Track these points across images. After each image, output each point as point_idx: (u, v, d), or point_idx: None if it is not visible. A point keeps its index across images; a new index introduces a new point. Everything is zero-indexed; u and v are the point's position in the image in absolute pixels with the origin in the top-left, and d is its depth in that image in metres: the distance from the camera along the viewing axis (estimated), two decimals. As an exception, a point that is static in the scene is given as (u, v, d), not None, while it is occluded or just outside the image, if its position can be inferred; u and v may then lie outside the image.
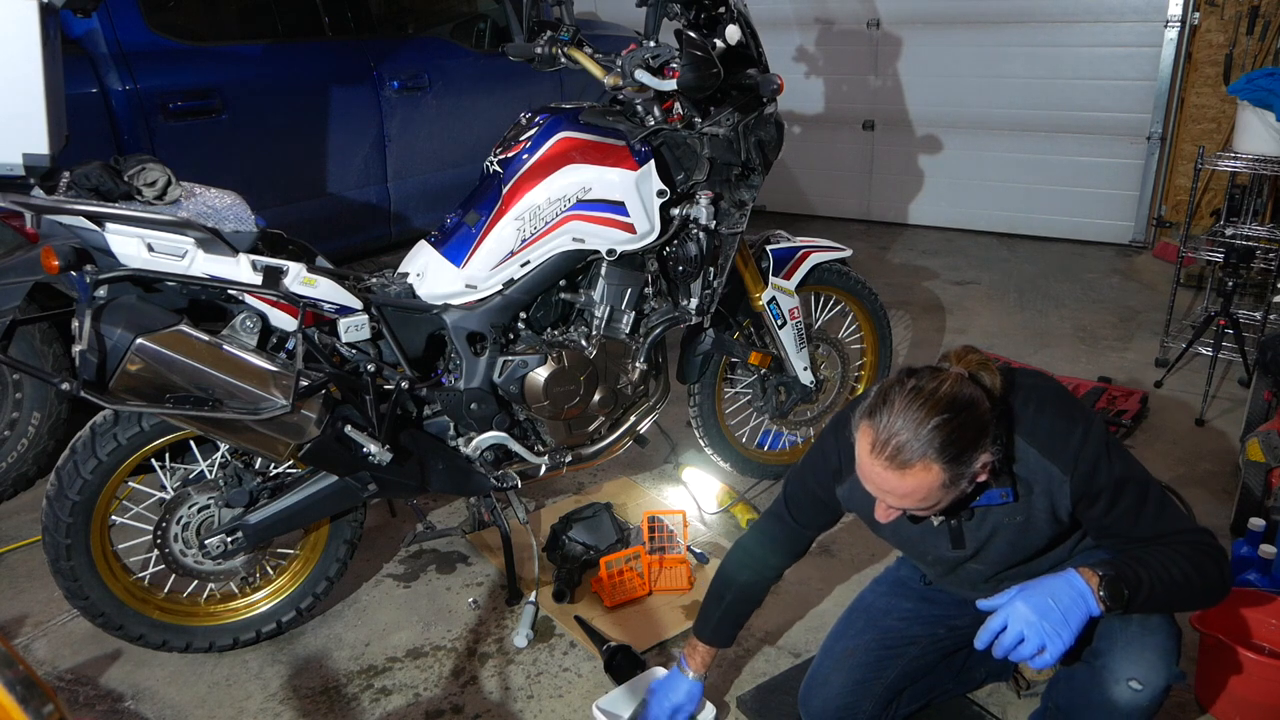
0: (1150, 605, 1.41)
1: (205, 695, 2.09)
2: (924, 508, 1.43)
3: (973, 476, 1.41)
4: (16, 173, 1.72)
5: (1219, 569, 1.44)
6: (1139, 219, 5.21)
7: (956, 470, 1.37)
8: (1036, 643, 1.33)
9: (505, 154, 2.17)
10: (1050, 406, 1.50)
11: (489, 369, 2.20)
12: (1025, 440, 1.49)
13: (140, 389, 1.75)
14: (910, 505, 1.42)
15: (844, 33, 5.65)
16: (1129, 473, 1.48)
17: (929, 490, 1.37)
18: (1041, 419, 1.49)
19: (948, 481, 1.37)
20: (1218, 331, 3.31)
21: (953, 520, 1.58)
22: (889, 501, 1.43)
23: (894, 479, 1.37)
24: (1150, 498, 1.48)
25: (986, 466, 1.41)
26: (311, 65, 3.44)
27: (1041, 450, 1.48)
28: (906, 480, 1.36)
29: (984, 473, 1.42)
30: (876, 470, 1.38)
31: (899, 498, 1.40)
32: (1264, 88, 3.36)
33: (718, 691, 2.05)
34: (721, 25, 2.18)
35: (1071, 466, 1.46)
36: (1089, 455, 1.46)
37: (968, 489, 1.44)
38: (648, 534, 2.44)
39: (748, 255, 2.55)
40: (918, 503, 1.40)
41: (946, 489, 1.39)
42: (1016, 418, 1.49)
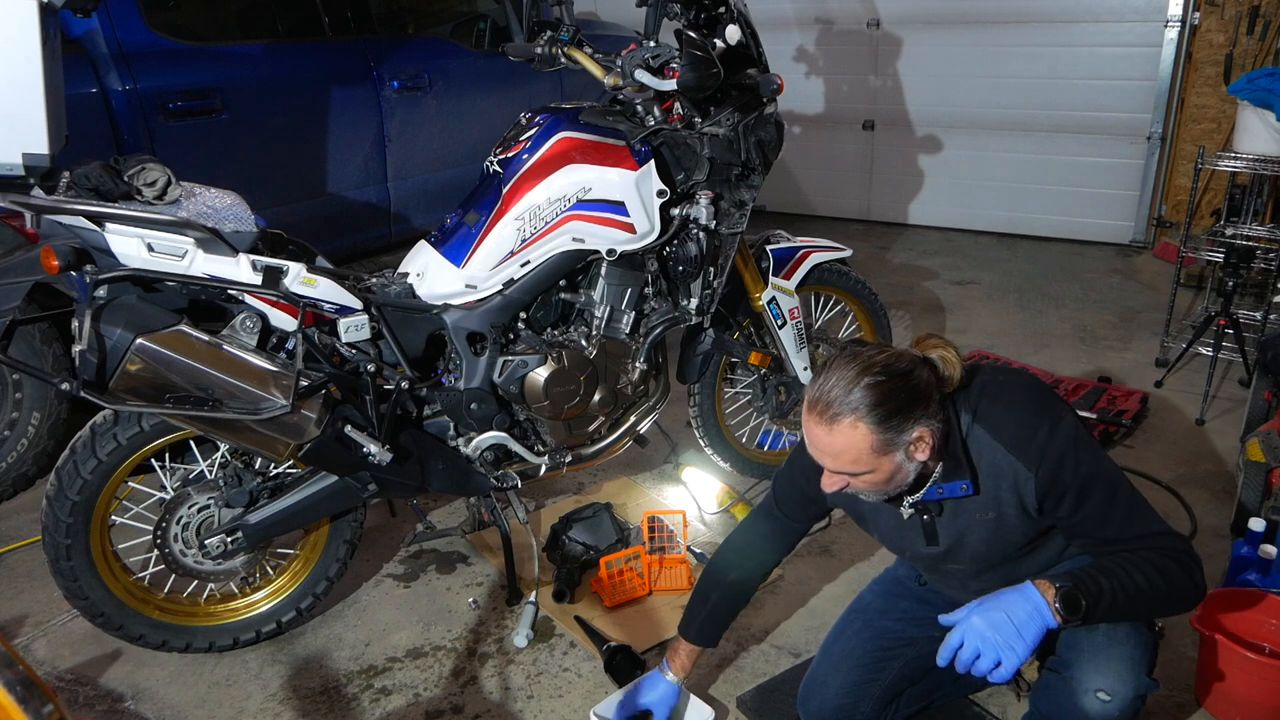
0: (1114, 614, 1.41)
1: (205, 695, 2.09)
2: (861, 475, 1.44)
3: (908, 448, 1.42)
4: (16, 173, 1.72)
5: (1189, 576, 1.43)
6: (1139, 219, 5.21)
7: (885, 435, 1.39)
8: (992, 658, 1.34)
9: (505, 154, 2.17)
10: (1019, 403, 1.50)
11: (489, 369, 2.20)
12: (991, 434, 1.49)
13: (140, 389, 1.75)
14: (845, 468, 1.44)
15: (844, 33, 5.66)
16: (1097, 471, 1.45)
17: (858, 452, 1.40)
18: (1009, 414, 1.49)
19: (877, 446, 1.40)
20: (1218, 331, 3.31)
21: (924, 516, 1.59)
22: (825, 464, 1.47)
23: (824, 435, 1.42)
24: (1119, 498, 1.46)
25: (925, 443, 1.43)
26: (311, 65, 3.44)
27: (1007, 445, 1.48)
28: (835, 437, 1.40)
29: (922, 449, 1.43)
30: (810, 428, 1.44)
31: (833, 458, 1.44)
32: (1264, 88, 3.36)
33: (718, 691, 2.05)
34: (721, 25, 2.18)
35: (1036, 462, 1.45)
36: (1054, 451, 1.45)
37: (907, 466, 1.44)
38: (648, 534, 2.44)
39: (748, 255, 2.55)
40: (850, 465, 1.43)
41: (877, 454, 1.41)
42: (982, 412, 1.50)
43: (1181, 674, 2.05)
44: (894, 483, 1.48)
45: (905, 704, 1.83)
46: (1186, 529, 2.59)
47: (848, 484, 1.49)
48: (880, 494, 1.52)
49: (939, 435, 1.45)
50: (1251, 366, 3.27)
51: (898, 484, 1.49)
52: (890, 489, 1.50)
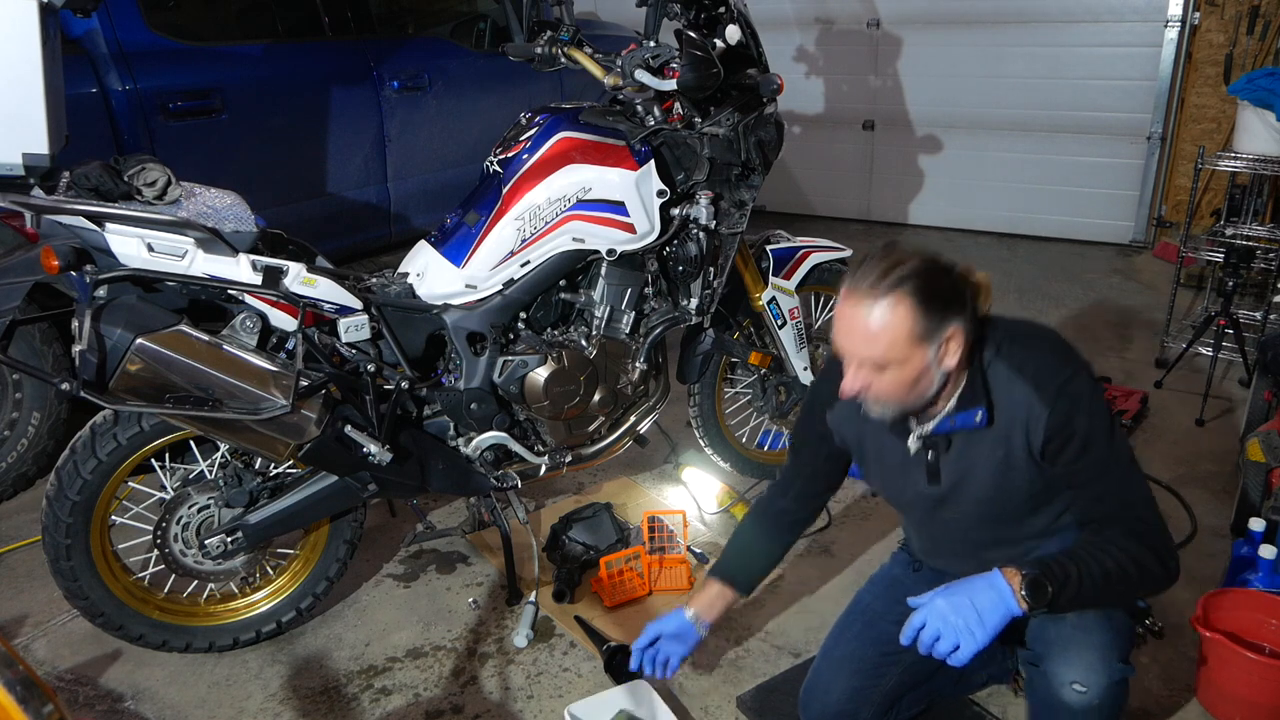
0: (1083, 601, 1.41)
1: (205, 695, 2.09)
2: (889, 370, 1.41)
3: (940, 347, 1.41)
4: (16, 173, 1.72)
5: (1161, 563, 1.42)
6: (1139, 219, 5.21)
7: (925, 321, 1.38)
8: (951, 640, 1.35)
9: (505, 154, 2.17)
10: (1045, 347, 1.50)
11: (489, 369, 2.20)
12: (1012, 369, 1.48)
13: (140, 389, 1.75)
14: (878, 353, 1.40)
15: (844, 33, 5.65)
16: (1105, 426, 1.45)
17: (895, 334, 1.38)
18: (1033, 354, 1.49)
19: (916, 331, 1.38)
20: (1218, 331, 3.31)
21: (930, 452, 1.57)
22: (856, 353, 1.43)
23: (863, 315, 1.39)
24: (1119, 460, 1.46)
25: (956, 345, 1.42)
26: (311, 65, 3.44)
27: (1027, 379, 1.47)
28: (875, 316, 1.38)
29: (953, 351, 1.42)
30: (847, 312, 1.42)
31: (867, 342, 1.40)
32: (1264, 88, 3.36)
33: (718, 692, 2.05)
34: (721, 25, 2.18)
35: (1053, 399, 1.45)
36: (1072, 393, 1.44)
37: (934, 371, 1.43)
38: (648, 534, 2.44)
39: (748, 255, 2.55)
40: (884, 350, 1.39)
41: (913, 342, 1.39)
42: (1005, 350, 1.50)
43: (1181, 674, 2.05)
44: (915, 391, 1.45)
45: (905, 707, 1.83)
46: (1186, 529, 2.59)
47: (869, 386, 1.45)
48: (895, 406, 1.48)
49: (967, 347, 1.44)
50: (1251, 366, 3.27)
51: (918, 395, 1.46)
52: (908, 401, 1.47)
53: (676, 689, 2.06)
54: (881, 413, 1.51)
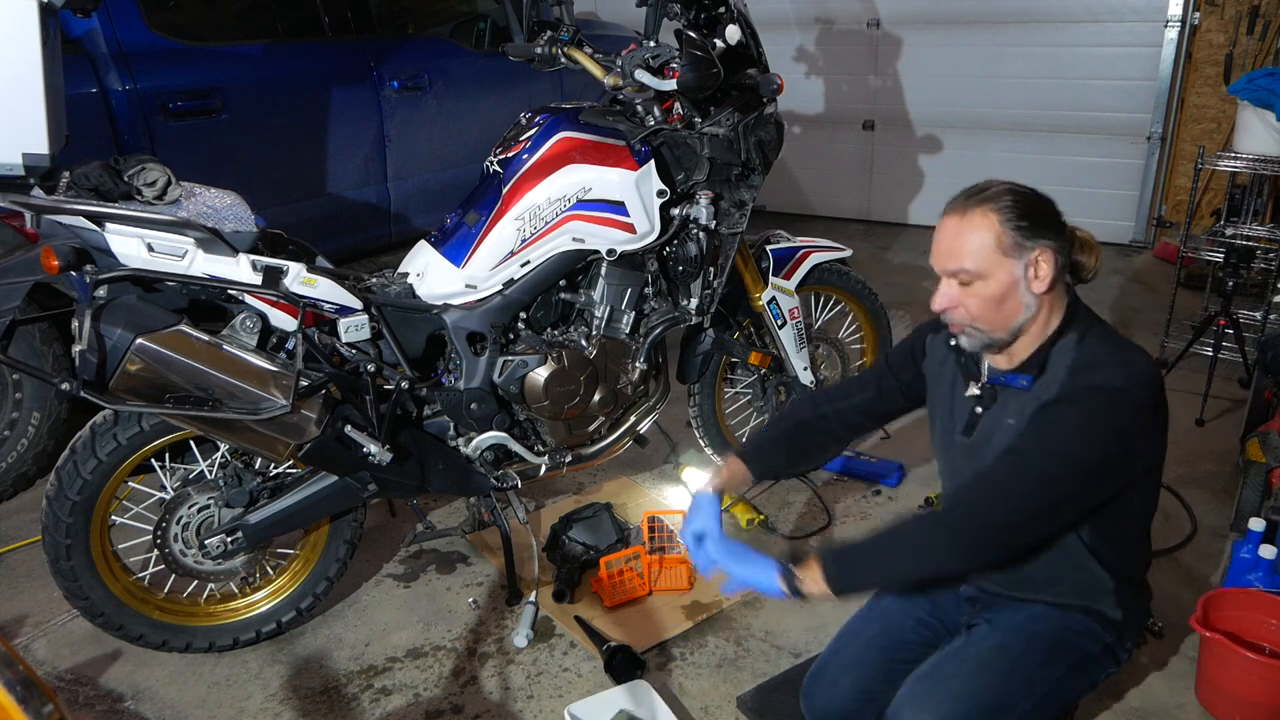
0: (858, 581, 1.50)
1: (205, 695, 2.09)
2: (976, 282, 1.45)
3: (1029, 267, 1.45)
4: (16, 173, 1.72)
5: (950, 550, 1.44)
6: (1139, 219, 5.21)
7: (1013, 234, 1.43)
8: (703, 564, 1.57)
9: (505, 154, 2.17)
10: (1117, 358, 1.47)
11: (489, 369, 2.20)
12: (1074, 354, 1.48)
13: (140, 389, 1.75)
14: (966, 263, 1.45)
15: (844, 33, 5.65)
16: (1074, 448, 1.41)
17: (983, 243, 1.44)
18: (1100, 354, 1.47)
19: (1003, 242, 1.43)
20: (1218, 331, 3.31)
21: (978, 405, 1.59)
22: (946, 266, 1.48)
23: (955, 224, 1.47)
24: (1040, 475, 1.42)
25: (1045, 267, 1.45)
26: (311, 65, 3.44)
27: (1070, 366, 1.47)
28: (965, 225, 1.45)
29: (1042, 273, 1.45)
30: (943, 223, 1.49)
31: (954, 255, 1.46)
32: (1264, 88, 3.36)
33: (718, 692, 2.05)
34: (721, 25, 2.18)
35: (1068, 388, 1.45)
36: (1087, 395, 1.43)
37: (1021, 293, 1.45)
38: (648, 534, 2.44)
39: (748, 255, 2.55)
40: (971, 259, 1.44)
41: (1000, 253, 1.43)
42: (1086, 338, 1.49)
43: (1181, 674, 2.05)
44: (1002, 312, 1.47)
45: None
46: (1186, 529, 2.59)
47: (958, 305, 1.48)
48: (982, 332, 1.49)
49: (1059, 271, 1.47)
50: (1251, 366, 3.27)
51: (1004, 319, 1.47)
52: (994, 324, 1.48)
53: (676, 689, 2.06)
54: (970, 341, 1.53)
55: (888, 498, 2.81)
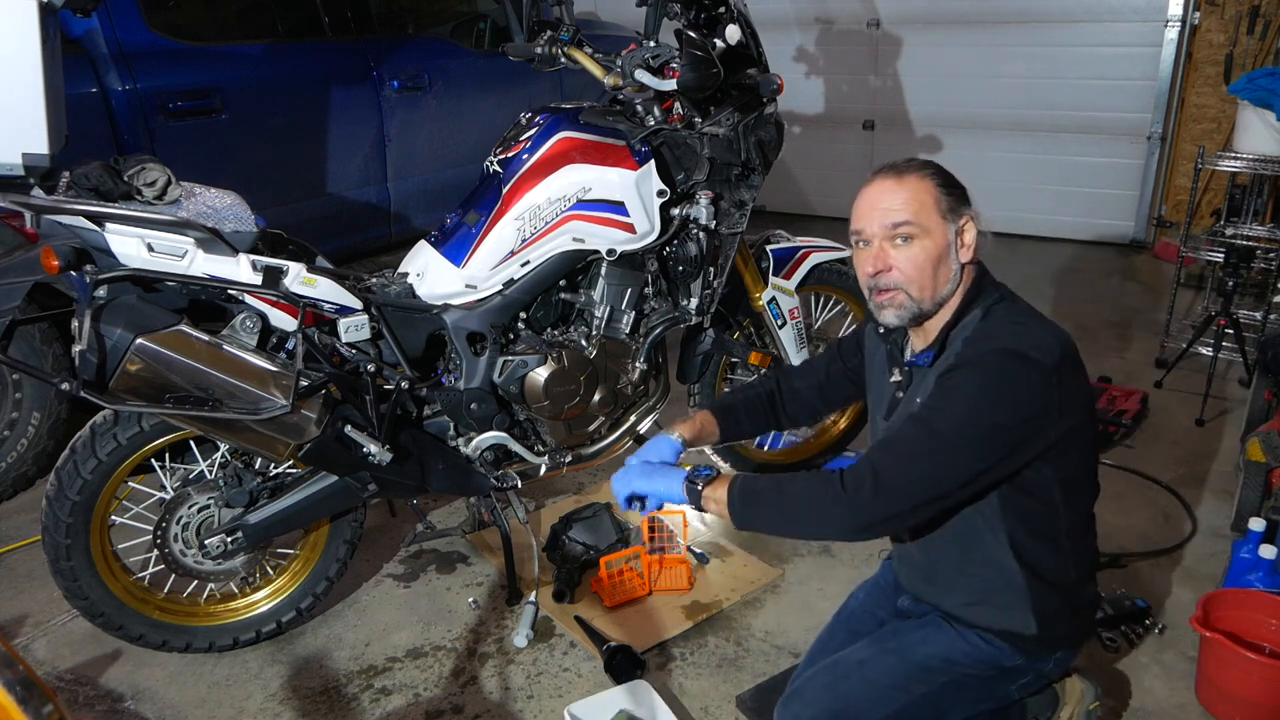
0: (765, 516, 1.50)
1: (205, 695, 2.09)
2: (914, 240, 1.48)
3: (959, 231, 1.50)
4: (16, 173, 1.72)
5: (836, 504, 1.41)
6: (1139, 219, 5.21)
7: (949, 198, 1.49)
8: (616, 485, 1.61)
9: (505, 154, 2.17)
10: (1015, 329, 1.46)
11: (489, 369, 2.20)
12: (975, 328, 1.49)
13: (140, 389, 1.75)
14: (907, 216, 1.47)
15: (844, 33, 5.65)
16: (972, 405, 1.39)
17: (922, 201, 1.48)
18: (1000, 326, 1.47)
19: (939, 202, 1.48)
20: (1218, 331, 3.31)
21: (899, 390, 1.61)
22: (883, 219, 1.49)
23: (891, 184, 1.50)
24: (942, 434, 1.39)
25: (971, 233, 1.51)
26: (311, 65, 3.44)
27: (968, 337, 1.48)
28: (903, 185, 1.49)
29: (968, 238, 1.51)
30: (875, 183, 1.52)
31: (891, 209, 1.48)
32: (1264, 87, 3.36)
33: (718, 692, 2.05)
34: (721, 25, 2.18)
35: (964, 354, 1.45)
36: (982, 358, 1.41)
37: (951, 259, 1.49)
38: (648, 534, 2.44)
39: (748, 255, 2.55)
40: (914, 213, 1.47)
41: (937, 213, 1.48)
42: (991, 312, 1.50)
43: (1181, 674, 2.05)
44: (937, 278, 1.49)
45: None
46: (1186, 529, 2.59)
47: (892, 267, 1.49)
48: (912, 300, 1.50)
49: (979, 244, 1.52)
50: (1251, 366, 3.27)
51: (936, 287, 1.49)
52: (926, 291, 1.49)
53: (676, 689, 2.06)
54: (900, 313, 1.53)
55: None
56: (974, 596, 1.58)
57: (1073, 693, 1.74)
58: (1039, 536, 1.53)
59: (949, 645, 1.59)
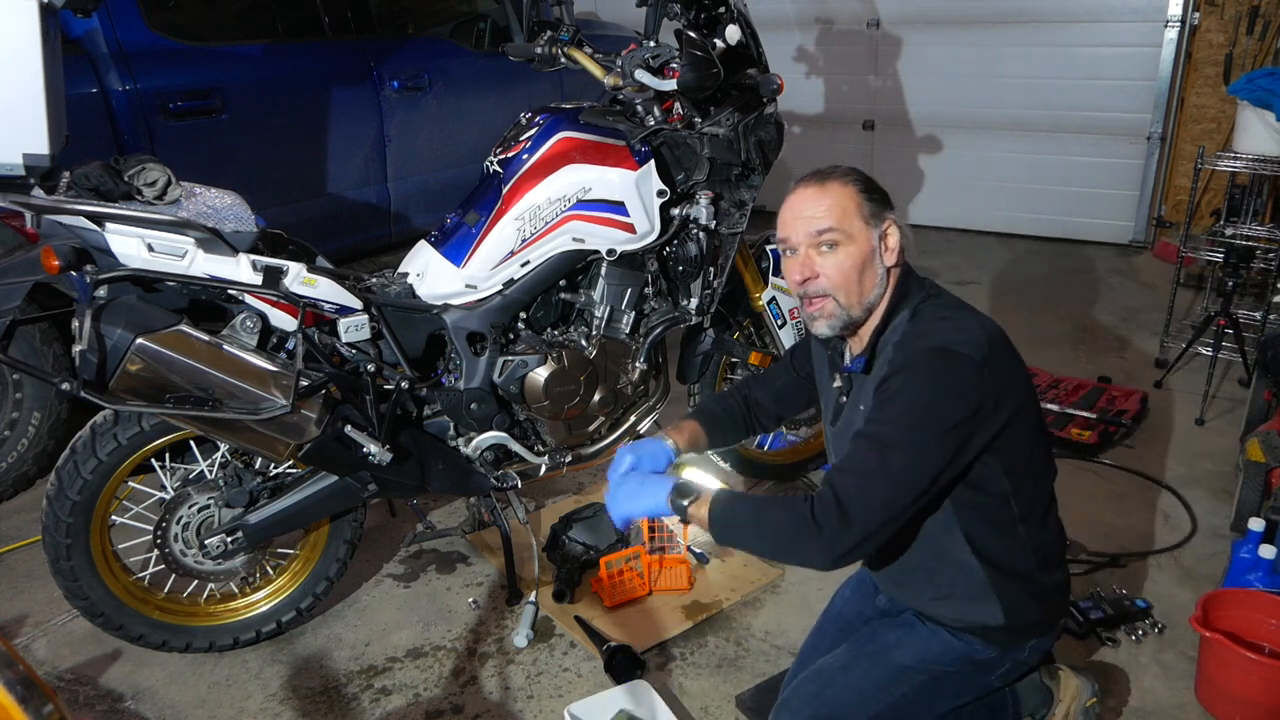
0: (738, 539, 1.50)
1: (205, 695, 2.09)
2: (839, 246, 1.50)
3: (883, 237, 1.52)
4: (16, 173, 1.72)
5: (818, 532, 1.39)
6: (1139, 219, 5.21)
7: (871, 204, 1.51)
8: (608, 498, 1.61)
9: (505, 154, 2.17)
10: (947, 325, 1.47)
11: (489, 369, 2.20)
12: (906, 328, 1.50)
13: (140, 389, 1.75)
14: (830, 223, 1.50)
15: (844, 33, 5.65)
16: (917, 405, 1.40)
17: (845, 207, 1.50)
18: (930, 323, 1.48)
19: (862, 208, 1.50)
20: (1218, 331, 3.31)
21: (842, 395, 1.63)
22: (806, 229, 1.52)
23: (814, 192, 1.53)
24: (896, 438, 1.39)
25: (894, 238, 1.52)
26: (311, 65, 3.44)
27: (900, 338, 1.49)
28: (825, 192, 1.52)
29: (891, 242, 1.52)
30: (798, 191, 1.55)
31: (815, 218, 1.50)
32: (1264, 88, 3.36)
33: (718, 692, 2.05)
34: (721, 25, 2.18)
35: (899, 358, 1.46)
36: (918, 359, 1.42)
37: (876, 265, 1.51)
38: (648, 534, 2.44)
39: (748, 255, 2.55)
40: (837, 219, 1.50)
41: (860, 218, 1.50)
42: (918, 312, 1.51)
43: (1181, 674, 2.05)
44: (862, 284, 1.51)
45: None
46: (1186, 529, 2.60)
47: (819, 275, 1.51)
48: (840, 309, 1.52)
49: (902, 248, 1.54)
50: (1251, 366, 3.27)
51: (862, 293, 1.51)
52: (852, 297, 1.51)
53: (676, 689, 2.06)
54: (830, 322, 1.55)
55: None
56: (939, 593, 1.60)
57: (1068, 689, 1.74)
58: (994, 528, 1.54)
59: (923, 645, 1.61)
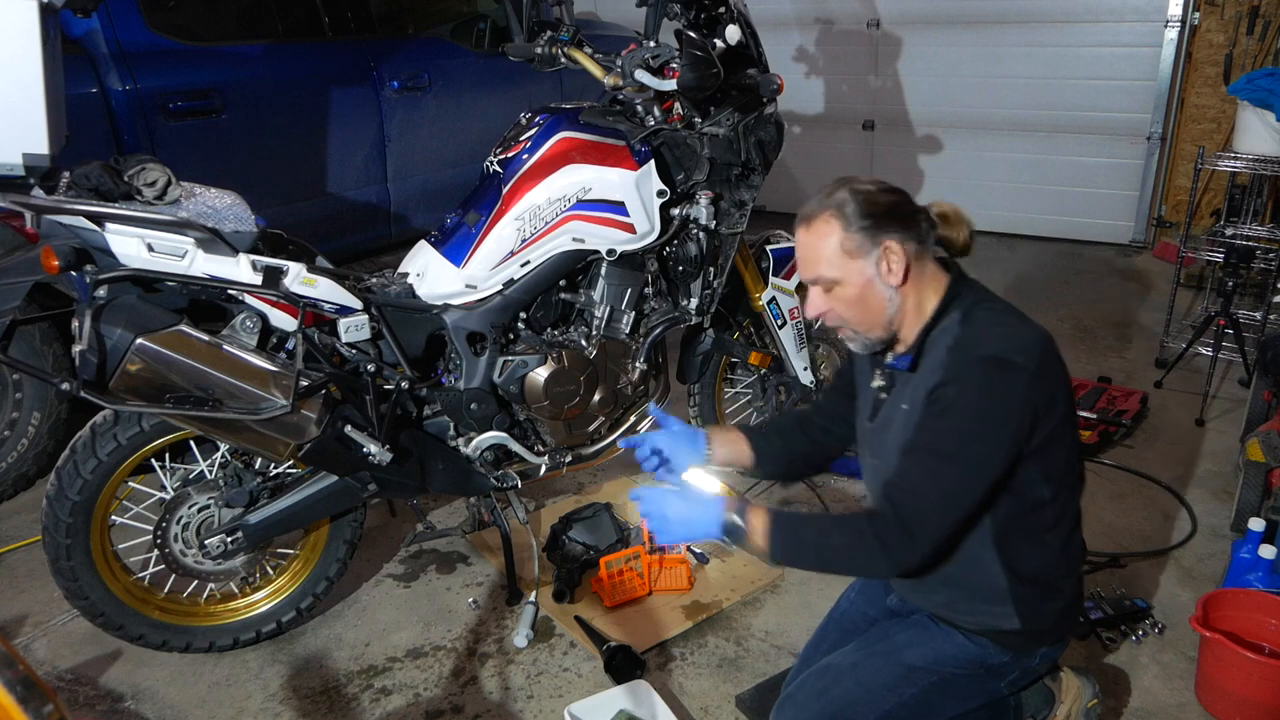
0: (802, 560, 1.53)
1: (205, 695, 2.09)
2: (835, 289, 1.49)
3: (880, 262, 1.47)
4: (16, 173, 1.72)
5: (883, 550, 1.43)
6: (1139, 219, 5.21)
7: (856, 234, 1.46)
8: (655, 527, 1.55)
9: (505, 154, 2.17)
10: (999, 331, 1.46)
11: (489, 369, 2.20)
12: (955, 330, 1.48)
13: (140, 389, 1.75)
14: (821, 272, 1.49)
15: (844, 33, 5.65)
16: (971, 418, 1.41)
17: (830, 251, 1.47)
18: (981, 328, 1.47)
19: (847, 245, 1.46)
20: (1218, 331, 3.31)
21: (882, 392, 1.61)
22: (805, 277, 1.54)
23: (803, 236, 1.51)
24: (951, 452, 1.41)
25: (895, 256, 1.46)
26: (311, 65, 3.44)
27: (952, 343, 1.47)
28: (811, 235, 1.49)
29: (894, 263, 1.47)
30: (796, 236, 1.54)
31: (809, 263, 1.51)
32: (1264, 88, 3.36)
33: (718, 692, 2.05)
34: (721, 25, 2.18)
35: (951, 366, 1.44)
36: (971, 368, 1.42)
37: (880, 287, 1.48)
38: (648, 534, 2.44)
39: (748, 255, 2.55)
40: (825, 268, 1.48)
41: (848, 256, 1.47)
42: (969, 314, 1.49)
43: (1181, 674, 2.05)
44: (870, 311, 1.50)
45: None
46: (1186, 529, 2.60)
47: (828, 310, 1.53)
48: (862, 334, 1.54)
49: (910, 259, 1.48)
50: (1251, 366, 3.27)
51: (874, 317, 1.51)
52: (868, 324, 1.52)
53: (676, 689, 2.06)
54: (856, 344, 1.57)
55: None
56: (958, 596, 1.59)
57: (1070, 690, 1.74)
58: (1023, 535, 1.54)
59: (936, 646, 1.60)
